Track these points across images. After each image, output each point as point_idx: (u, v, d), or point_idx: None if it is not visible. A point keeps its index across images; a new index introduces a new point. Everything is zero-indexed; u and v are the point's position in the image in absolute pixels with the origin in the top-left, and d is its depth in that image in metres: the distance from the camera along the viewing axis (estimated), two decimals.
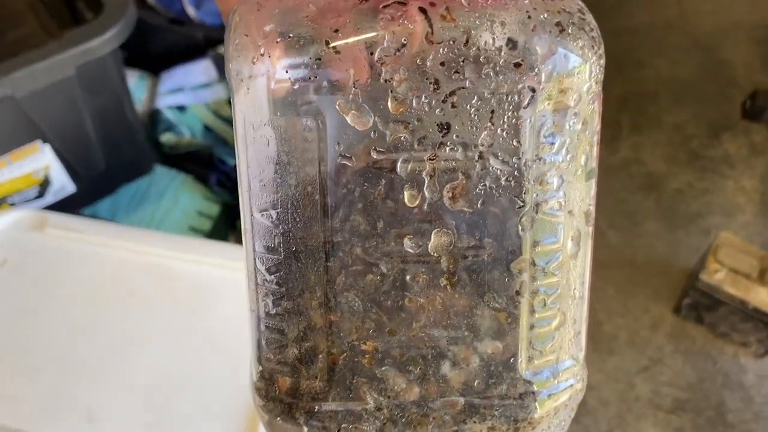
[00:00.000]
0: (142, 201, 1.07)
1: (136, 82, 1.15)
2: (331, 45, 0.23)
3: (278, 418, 0.29)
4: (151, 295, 0.81)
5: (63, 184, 0.96)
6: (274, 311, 0.27)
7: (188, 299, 0.81)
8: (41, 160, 0.90)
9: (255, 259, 0.27)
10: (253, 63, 0.24)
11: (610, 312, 1.38)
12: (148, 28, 1.12)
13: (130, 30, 0.84)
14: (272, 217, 0.26)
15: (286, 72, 0.24)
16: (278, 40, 0.23)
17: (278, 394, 0.28)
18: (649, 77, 1.79)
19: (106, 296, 0.81)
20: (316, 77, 0.24)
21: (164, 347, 0.78)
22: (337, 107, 0.24)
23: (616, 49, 1.84)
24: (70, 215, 0.86)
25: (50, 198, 0.97)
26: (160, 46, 1.17)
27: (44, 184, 0.94)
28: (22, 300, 0.80)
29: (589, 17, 0.25)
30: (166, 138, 1.15)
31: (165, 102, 1.15)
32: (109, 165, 1.00)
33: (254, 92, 0.24)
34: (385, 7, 0.23)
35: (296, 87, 0.24)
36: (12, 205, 0.93)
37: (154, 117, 1.15)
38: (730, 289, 1.24)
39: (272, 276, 0.27)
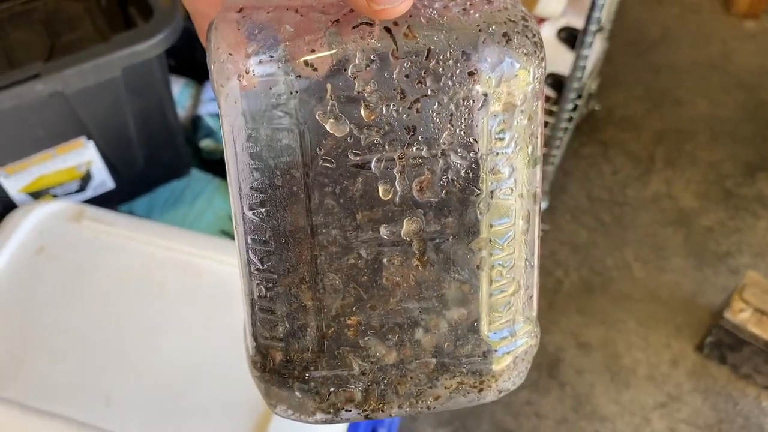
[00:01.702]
0: (178, 202, 1.12)
1: (181, 88, 1.20)
2: (309, 63, 0.27)
3: (274, 386, 0.32)
4: (175, 290, 0.85)
5: (103, 179, 1.00)
6: (267, 295, 0.31)
7: (210, 296, 0.84)
8: (84, 155, 0.95)
9: (248, 250, 0.30)
10: (239, 80, 0.27)
11: (630, 345, 1.37)
12: (196, 38, 1.17)
13: (176, 37, 0.88)
14: (262, 215, 0.29)
15: (270, 88, 0.27)
16: (261, 59, 0.27)
17: (273, 365, 0.32)
18: (687, 114, 1.79)
19: (133, 288, 0.85)
20: (297, 91, 0.27)
21: (184, 340, 0.81)
22: (317, 117, 0.27)
23: (655, 85, 1.84)
24: (105, 210, 0.90)
25: (90, 192, 1.01)
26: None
27: (86, 179, 0.99)
28: (55, 286, 0.84)
29: (532, 23, 0.29)
30: (205, 143, 1.20)
31: (206, 109, 1.19)
32: (148, 165, 1.04)
33: (240, 105, 0.28)
34: (354, 27, 0.27)
35: (278, 100, 0.27)
36: (54, 196, 0.98)
37: (195, 123, 1.20)
38: (755, 329, 1.23)
39: (264, 265, 0.30)
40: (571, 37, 1.39)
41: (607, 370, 1.34)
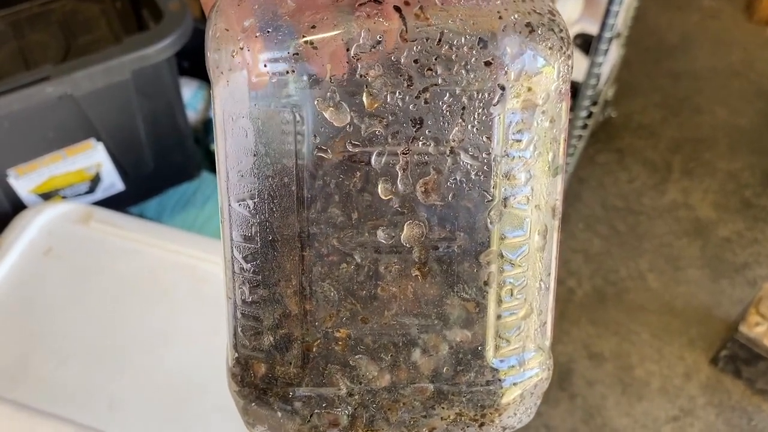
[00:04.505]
0: (187, 205, 1.11)
1: (194, 91, 1.20)
2: (309, 40, 0.24)
3: (253, 403, 0.30)
4: (181, 294, 0.84)
5: (113, 181, 1.00)
6: (251, 299, 0.28)
7: (217, 301, 0.84)
8: (94, 157, 0.95)
9: (232, 248, 0.28)
10: (233, 56, 0.25)
11: (643, 356, 1.34)
12: None
13: (185, 40, 0.88)
14: (249, 207, 0.27)
15: (265, 66, 0.24)
16: (257, 34, 0.24)
17: (253, 379, 0.29)
18: (706, 123, 1.76)
19: (139, 291, 0.85)
20: (293, 71, 0.24)
21: (189, 345, 0.80)
22: (315, 104, 0.25)
23: (674, 92, 1.82)
24: (114, 212, 0.90)
25: (99, 194, 1.01)
26: None
27: (95, 181, 0.99)
28: (62, 287, 0.84)
29: (559, 18, 0.26)
30: None
31: None
32: (158, 167, 1.04)
33: (233, 84, 0.25)
34: (361, 5, 0.24)
35: (274, 80, 0.25)
36: (63, 197, 0.98)
37: (207, 125, 1.20)
38: None
39: (249, 264, 0.28)
40: (586, 44, 1.37)
41: (619, 381, 1.32)
